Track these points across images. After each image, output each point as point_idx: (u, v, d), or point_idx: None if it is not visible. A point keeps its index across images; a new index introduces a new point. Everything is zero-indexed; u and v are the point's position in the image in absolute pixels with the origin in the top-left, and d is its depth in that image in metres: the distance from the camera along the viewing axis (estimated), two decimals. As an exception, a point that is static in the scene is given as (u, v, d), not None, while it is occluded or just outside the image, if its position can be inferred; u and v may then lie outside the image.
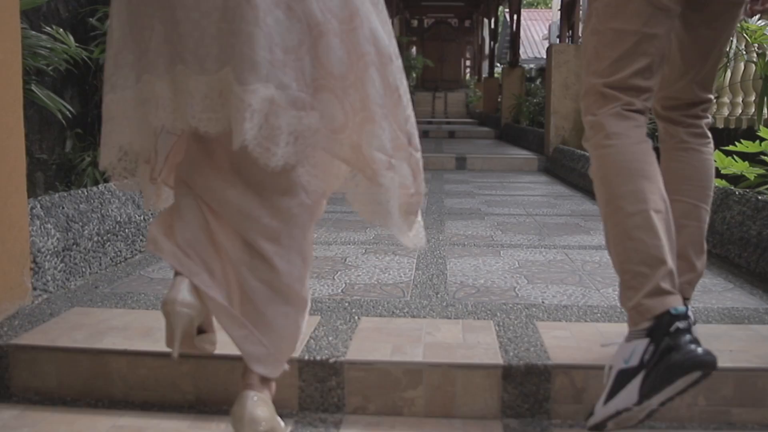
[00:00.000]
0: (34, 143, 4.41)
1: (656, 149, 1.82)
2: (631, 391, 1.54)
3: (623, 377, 1.56)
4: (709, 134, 2.00)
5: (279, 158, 1.42)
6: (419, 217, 1.70)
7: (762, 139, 3.38)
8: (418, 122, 1.71)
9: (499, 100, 15.68)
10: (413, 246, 1.71)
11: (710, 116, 2.01)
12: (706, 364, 1.50)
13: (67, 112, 3.39)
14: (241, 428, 1.48)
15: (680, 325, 1.55)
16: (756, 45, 4.51)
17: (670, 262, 1.65)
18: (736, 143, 3.42)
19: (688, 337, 1.53)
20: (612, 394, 1.57)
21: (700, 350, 1.50)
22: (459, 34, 28.80)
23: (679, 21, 1.89)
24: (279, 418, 1.59)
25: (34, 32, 3.35)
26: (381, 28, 1.53)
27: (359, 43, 1.48)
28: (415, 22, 27.64)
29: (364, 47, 1.48)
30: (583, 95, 1.93)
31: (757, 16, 4.59)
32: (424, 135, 12.93)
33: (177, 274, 1.52)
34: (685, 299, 1.88)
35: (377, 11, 1.55)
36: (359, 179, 1.63)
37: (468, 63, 29.85)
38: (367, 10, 1.51)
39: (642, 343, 1.56)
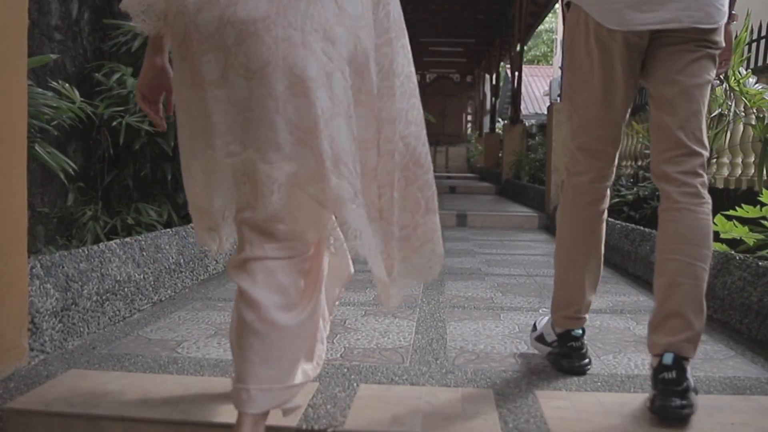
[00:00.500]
0: (36, 196, 4.43)
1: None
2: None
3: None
4: (706, 195, 2.05)
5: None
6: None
7: (762, 204, 3.39)
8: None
9: (500, 155, 15.78)
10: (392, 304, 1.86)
11: (705, 176, 2.08)
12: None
13: (70, 170, 3.41)
14: None
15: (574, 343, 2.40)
16: (755, 108, 4.55)
17: (587, 299, 2.38)
18: (737, 208, 3.43)
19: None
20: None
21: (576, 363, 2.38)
22: (461, 90, 29.16)
23: (644, 79, 2.19)
24: None
25: (39, 90, 3.39)
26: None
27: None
28: (417, 77, 27.96)
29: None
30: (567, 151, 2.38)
31: (754, 80, 4.65)
32: (425, 190, 12.95)
33: None
34: (684, 358, 1.94)
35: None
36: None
37: (469, 118, 30.14)
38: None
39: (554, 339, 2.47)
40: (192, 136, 1.72)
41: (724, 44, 2.12)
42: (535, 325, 2.65)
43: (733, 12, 2.21)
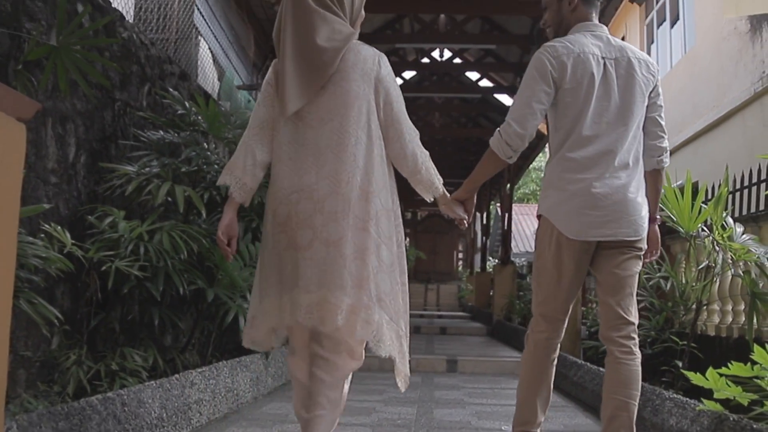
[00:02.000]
0: (19, 340, 4.36)
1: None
2: None
3: None
4: (637, 351, 3.04)
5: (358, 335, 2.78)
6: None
7: (754, 363, 3.35)
8: (409, 315, 3.01)
9: (491, 294, 15.77)
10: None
11: (636, 338, 3.07)
12: None
13: (55, 320, 3.37)
14: None
15: None
16: (742, 262, 4.59)
17: (539, 418, 3.17)
18: (729, 365, 3.39)
19: None
20: None
21: None
22: (451, 227, 29.48)
23: (593, 270, 3.17)
24: None
25: (30, 238, 3.40)
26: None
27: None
28: (408, 215, 28.36)
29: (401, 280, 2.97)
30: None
31: (741, 229, 4.71)
32: (415, 330, 12.88)
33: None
34: None
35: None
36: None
37: (461, 255, 30.33)
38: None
39: None
40: (281, 280, 2.82)
41: (646, 247, 3.20)
42: None
43: (657, 216, 3.36)
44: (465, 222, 3.32)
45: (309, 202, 2.72)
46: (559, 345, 3.23)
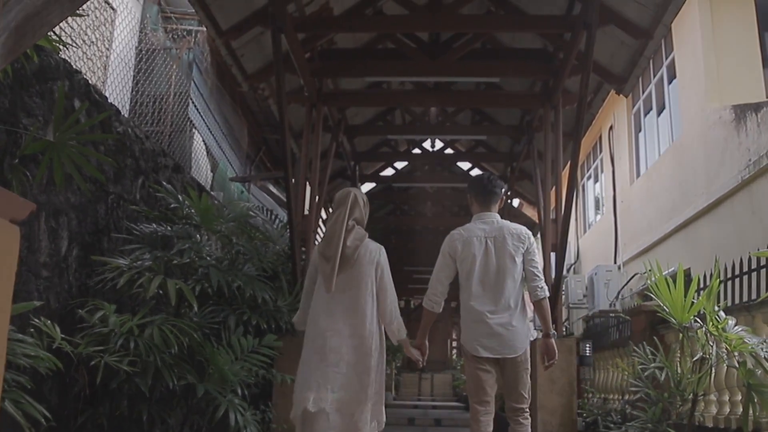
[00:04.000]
0: (4, 439, 4.26)
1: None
2: None
3: None
4: (524, 421, 4.53)
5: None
6: None
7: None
8: (404, 405, 5.41)
9: (485, 385, 15.50)
10: None
11: (525, 412, 4.57)
12: None
13: (41, 419, 3.31)
14: None
15: None
16: (737, 353, 4.57)
17: None
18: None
19: None
20: None
21: None
22: (445, 315, 29.25)
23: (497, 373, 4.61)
24: None
25: (20, 336, 3.37)
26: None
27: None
28: (402, 303, 28.22)
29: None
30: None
31: (734, 321, 4.70)
32: (410, 423, 12.64)
33: None
34: None
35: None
36: None
37: (455, 344, 30.06)
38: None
39: None
40: (317, 383, 4.35)
41: (528, 357, 4.63)
42: None
43: (551, 333, 4.72)
44: (420, 362, 4.89)
45: (338, 338, 4.46)
46: (491, 419, 4.61)
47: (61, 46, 4.72)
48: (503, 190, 4.97)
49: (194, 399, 5.31)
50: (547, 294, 4.72)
